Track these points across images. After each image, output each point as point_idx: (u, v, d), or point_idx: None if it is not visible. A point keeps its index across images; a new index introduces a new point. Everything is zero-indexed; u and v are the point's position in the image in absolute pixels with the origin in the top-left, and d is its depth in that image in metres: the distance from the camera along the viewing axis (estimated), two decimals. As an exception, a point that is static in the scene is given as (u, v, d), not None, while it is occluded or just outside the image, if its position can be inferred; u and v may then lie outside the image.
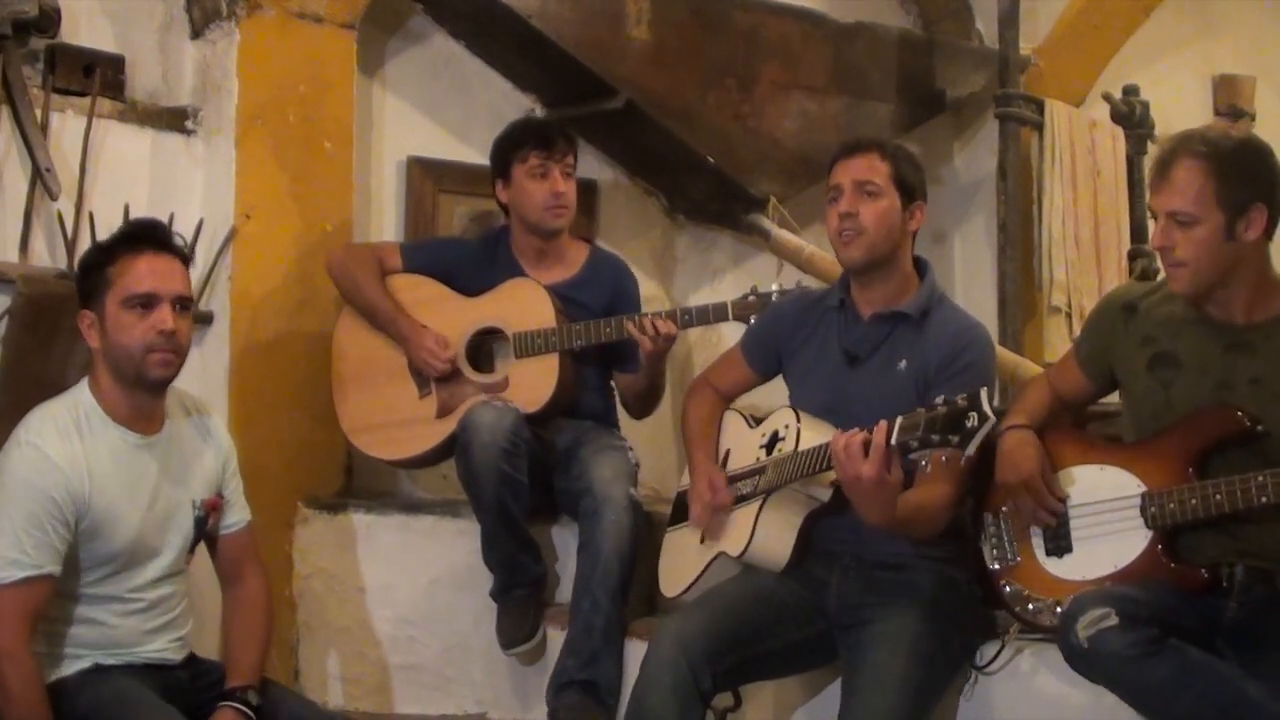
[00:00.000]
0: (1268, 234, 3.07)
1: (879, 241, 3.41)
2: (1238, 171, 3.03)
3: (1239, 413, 3.05)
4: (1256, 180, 3.05)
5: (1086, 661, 2.94)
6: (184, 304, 3.22)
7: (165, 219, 4.17)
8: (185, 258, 3.30)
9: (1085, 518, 3.22)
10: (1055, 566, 3.24)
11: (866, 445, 3.03)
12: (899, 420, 3.03)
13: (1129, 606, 2.92)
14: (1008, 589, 3.29)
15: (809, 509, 3.38)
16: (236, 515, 3.47)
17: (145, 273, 3.16)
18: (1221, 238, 3.03)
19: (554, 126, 4.37)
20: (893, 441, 3.01)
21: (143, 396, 3.23)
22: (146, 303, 3.15)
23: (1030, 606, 3.24)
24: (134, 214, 4.18)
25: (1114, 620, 2.89)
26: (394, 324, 4.20)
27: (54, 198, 4.07)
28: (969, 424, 2.90)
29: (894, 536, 3.28)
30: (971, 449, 2.93)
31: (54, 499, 3.07)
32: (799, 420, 3.43)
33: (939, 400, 2.97)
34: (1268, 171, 3.07)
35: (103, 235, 4.07)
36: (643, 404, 4.31)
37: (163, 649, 3.28)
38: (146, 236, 3.24)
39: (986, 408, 2.89)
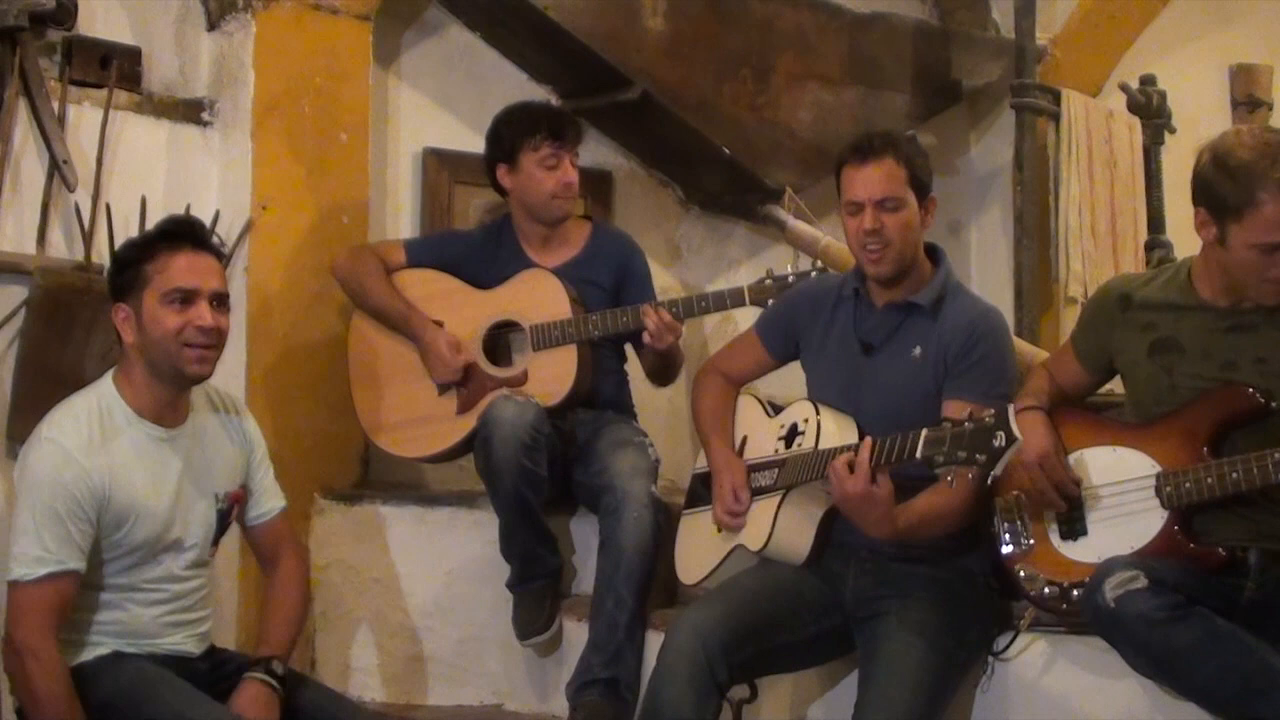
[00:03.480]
0: None
1: (905, 251, 3.39)
2: None
3: (1251, 390, 3.05)
4: None
5: (1113, 623, 2.94)
6: (221, 300, 3.23)
7: (182, 211, 4.20)
8: (221, 255, 3.32)
9: (1099, 499, 3.21)
10: (1070, 550, 3.24)
11: (853, 464, 3.09)
12: (924, 433, 3.03)
13: (1156, 572, 2.92)
14: (1023, 574, 3.28)
15: (829, 505, 3.37)
16: (270, 503, 3.48)
17: (184, 269, 3.17)
18: None
19: (564, 115, 4.35)
20: (917, 455, 3.03)
21: (171, 391, 3.24)
22: (185, 298, 3.16)
23: (1046, 591, 3.23)
24: (151, 206, 4.20)
25: (1143, 582, 2.90)
26: (406, 324, 4.19)
27: (71, 189, 4.08)
28: (996, 443, 2.91)
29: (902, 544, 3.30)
30: (999, 469, 2.94)
31: (74, 495, 3.08)
32: (819, 414, 3.42)
33: (967, 415, 2.98)
34: None
35: (119, 227, 4.11)
36: (660, 378, 4.32)
37: (182, 641, 3.28)
38: (184, 234, 3.25)
39: (1015, 428, 2.90)
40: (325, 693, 3.46)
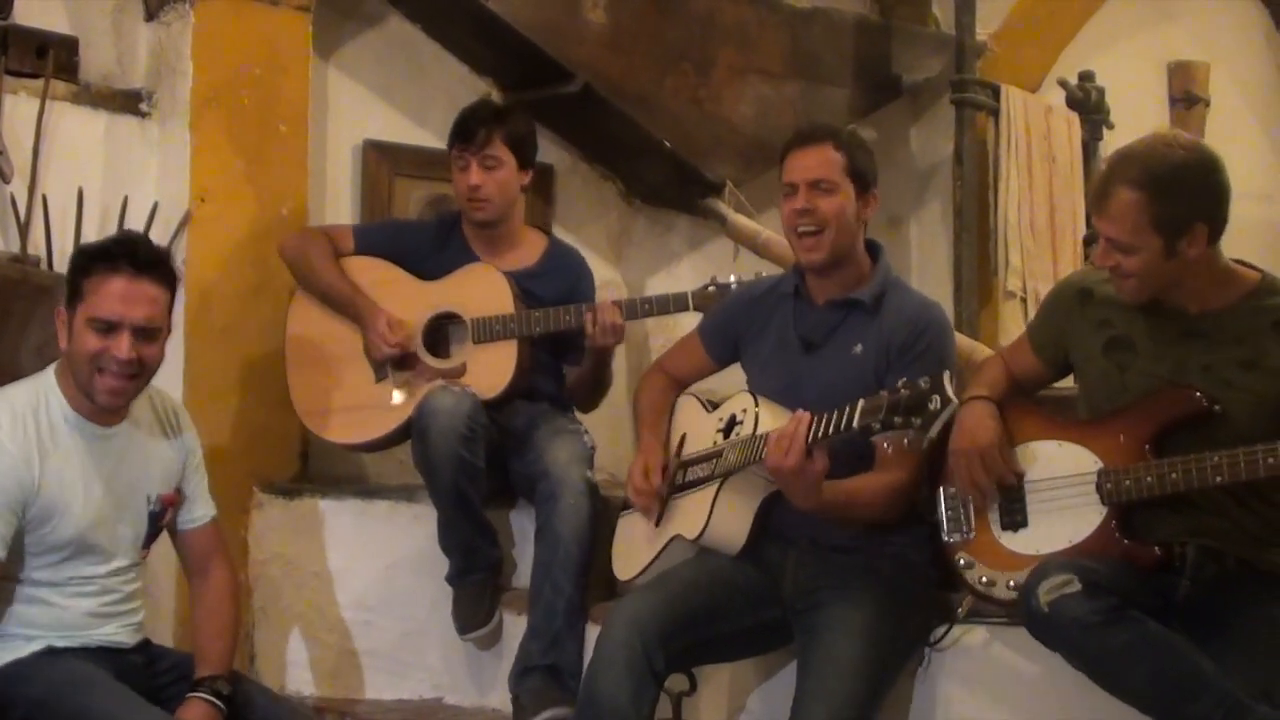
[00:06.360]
0: (1211, 243, 3.06)
1: (838, 238, 3.40)
2: (1174, 195, 3.00)
3: (1197, 393, 3.07)
4: (1194, 200, 3.03)
5: (1046, 627, 2.96)
6: (149, 333, 3.16)
7: (119, 202, 4.19)
8: (167, 277, 3.21)
9: (1041, 493, 3.22)
10: (1010, 541, 3.25)
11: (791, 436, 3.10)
12: (861, 403, 3.05)
13: (1091, 575, 2.94)
14: (962, 562, 3.30)
15: (766, 492, 3.38)
16: (200, 510, 3.47)
17: (112, 296, 3.12)
18: (1162, 258, 3.03)
19: (477, 116, 4.23)
20: (854, 425, 3.04)
21: None
22: (106, 328, 3.11)
23: (984, 580, 3.25)
24: (88, 197, 4.18)
25: (1076, 586, 2.91)
26: (351, 305, 4.17)
27: (7, 181, 4.05)
28: (932, 407, 2.94)
29: (834, 522, 3.31)
30: (934, 431, 2.97)
31: (4, 486, 3.07)
32: (757, 405, 3.43)
33: (901, 383, 3.00)
34: (1206, 190, 3.04)
35: (56, 218, 4.10)
36: (589, 397, 4.30)
37: (115, 633, 3.27)
38: (125, 255, 3.16)
39: (949, 391, 2.94)
40: (272, 697, 3.47)
